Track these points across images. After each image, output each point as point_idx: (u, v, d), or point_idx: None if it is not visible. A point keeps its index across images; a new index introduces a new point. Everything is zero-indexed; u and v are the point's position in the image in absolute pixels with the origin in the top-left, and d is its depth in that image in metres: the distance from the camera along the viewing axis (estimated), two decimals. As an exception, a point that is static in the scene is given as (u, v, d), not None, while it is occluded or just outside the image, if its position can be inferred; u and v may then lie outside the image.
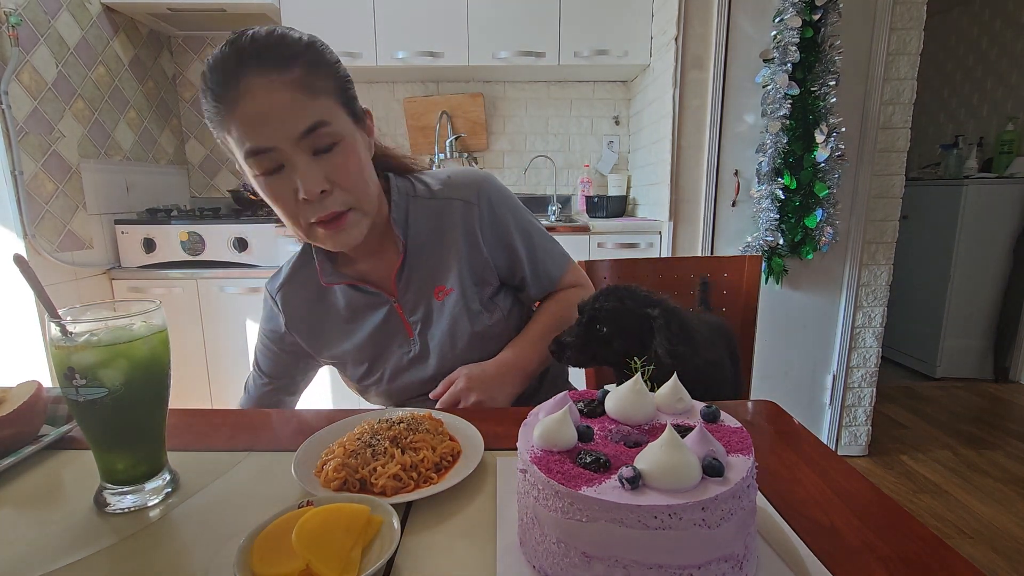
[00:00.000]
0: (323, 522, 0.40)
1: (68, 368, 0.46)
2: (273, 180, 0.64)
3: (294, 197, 0.65)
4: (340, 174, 0.65)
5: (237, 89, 0.61)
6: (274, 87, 0.61)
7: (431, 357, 0.80)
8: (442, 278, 0.79)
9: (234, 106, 0.61)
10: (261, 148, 0.62)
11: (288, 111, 0.61)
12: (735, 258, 1.19)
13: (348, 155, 0.66)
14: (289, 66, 0.62)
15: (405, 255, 0.78)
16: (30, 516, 0.49)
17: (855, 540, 0.44)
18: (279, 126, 0.61)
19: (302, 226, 0.68)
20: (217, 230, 2.01)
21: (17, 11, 1.68)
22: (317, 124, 0.63)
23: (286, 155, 0.63)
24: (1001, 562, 1.53)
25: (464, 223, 0.80)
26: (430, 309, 0.80)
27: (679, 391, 0.48)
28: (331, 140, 0.64)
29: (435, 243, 0.80)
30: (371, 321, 0.80)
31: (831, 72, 1.75)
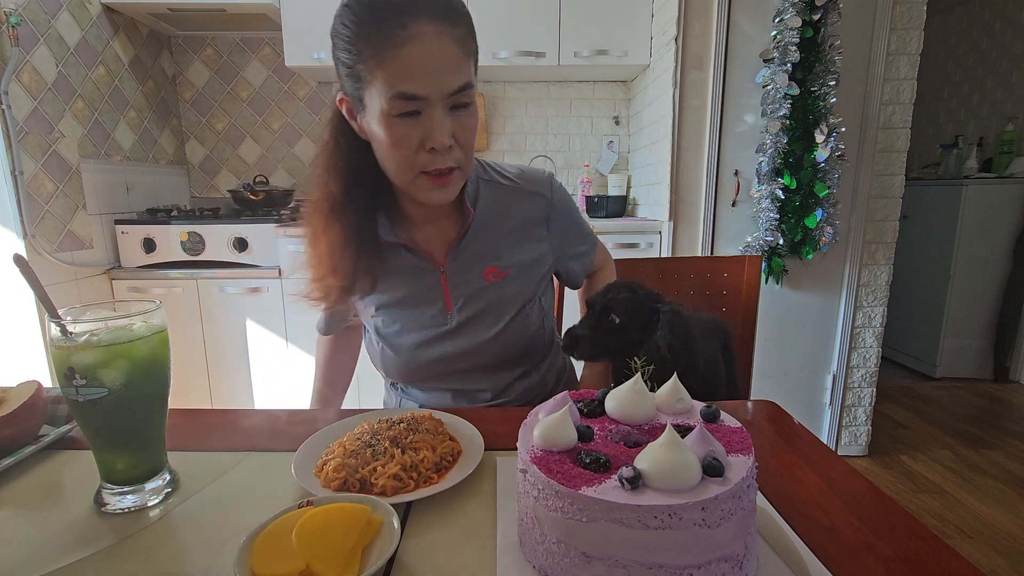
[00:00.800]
0: (323, 522, 0.40)
1: (68, 368, 0.46)
2: (404, 123, 0.65)
3: (417, 144, 0.67)
4: (465, 133, 0.69)
5: (406, 29, 0.61)
6: (443, 39, 0.63)
7: (464, 334, 0.81)
8: (496, 259, 0.81)
9: (400, 46, 0.61)
10: (415, 95, 0.63)
11: (450, 66, 0.64)
12: (735, 258, 1.19)
13: (473, 118, 0.69)
14: (457, 21, 0.64)
15: (468, 228, 0.80)
16: (30, 516, 0.49)
17: (855, 540, 0.44)
18: (439, 78, 0.63)
19: (410, 174, 0.69)
20: (217, 230, 2.01)
21: (17, 11, 1.68)
22: (466, 85, 0.66)
23: (430, 105, 0.65)
24: (1001, 562, 1.53)
25: (533, 213, 0.84)
26: (476, 287, 0.81)
27: (679, 391, 0.48)
28: (467, 101, 0.67)
29: (498, 225, 0.82)
30: (414, 285, 0.81)
31: (831, 72, 1.75)
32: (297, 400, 2.12)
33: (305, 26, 2.15)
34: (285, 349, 2.08)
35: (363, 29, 0.63)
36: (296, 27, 2.15)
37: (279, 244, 2.01)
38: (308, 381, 2.19)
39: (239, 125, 2.61)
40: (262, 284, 2.04)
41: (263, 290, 2.04)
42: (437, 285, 0.81)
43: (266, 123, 2.61)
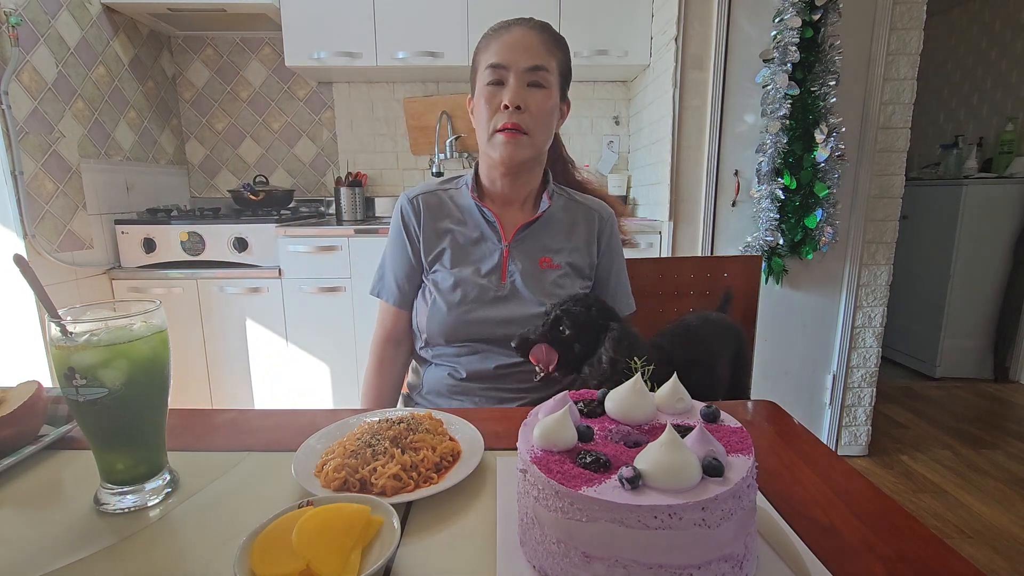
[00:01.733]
0: (323, 522, 0.40)
1: (68, 368, 0.46)
2: (492, 89, 0.87)
3: (498, 105, 0.87)
4: (535, 102, 0.87)
5: (509, 29, 0.88)
6: (530, 34, 0.87)
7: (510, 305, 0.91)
8: (552, 254, 0.95)
9: (500, 35, 0.88)
10: (499, 63, 0.86)
11: (530, 48, 0.86)
12: (735, 258, 1.19)
13: (545, 99, 0.88)
14: (546, 31, 0.89)
15: (539, 217, 0.95)
16: (30, 516, 0.49)
17: (855, 540, 0.44)
18: (518, 55, 0.86)
19: (489, 129, 0.88)
20: (217, 230, 2.01)
21: (17, 11, 1.68)
22: (540, 66, 0.86)
23: (510, 76, 0.86)
24: (1001, 562, 1.53)
25: (590, 227, 0.98)
26: (530, 269, 0.93)
27: (679, 391, 0.48)
28: (541, 82, 0.87)
29: (561, 229, 0.97)
30: (478, 248, 0.94)
31: (831, 72, 1.75)
32: (297, 400, 2.12)
33: (305, 26, 2.15)
34: (285, 349, 2.08)
35: (488, 32, 0.91)
36: (296, 27, 2.15)
37: (279, 244, 2.01)
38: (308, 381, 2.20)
39: (239, 125, 2.61)
40: (262, 284, 2.04)
41: (263, 290, 2.04)
42: (499, 255, 0.94)
43: (266, 123, 2.61)
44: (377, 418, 0.61)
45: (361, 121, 2.61)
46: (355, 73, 2.40)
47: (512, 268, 0.93)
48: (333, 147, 2.64)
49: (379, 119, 2.61)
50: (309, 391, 2.11)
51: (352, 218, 2.33)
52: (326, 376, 2.10)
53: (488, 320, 0.90)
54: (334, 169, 2.65)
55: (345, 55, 2.16)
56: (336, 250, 2.01)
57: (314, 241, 2.00)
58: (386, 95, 2.59)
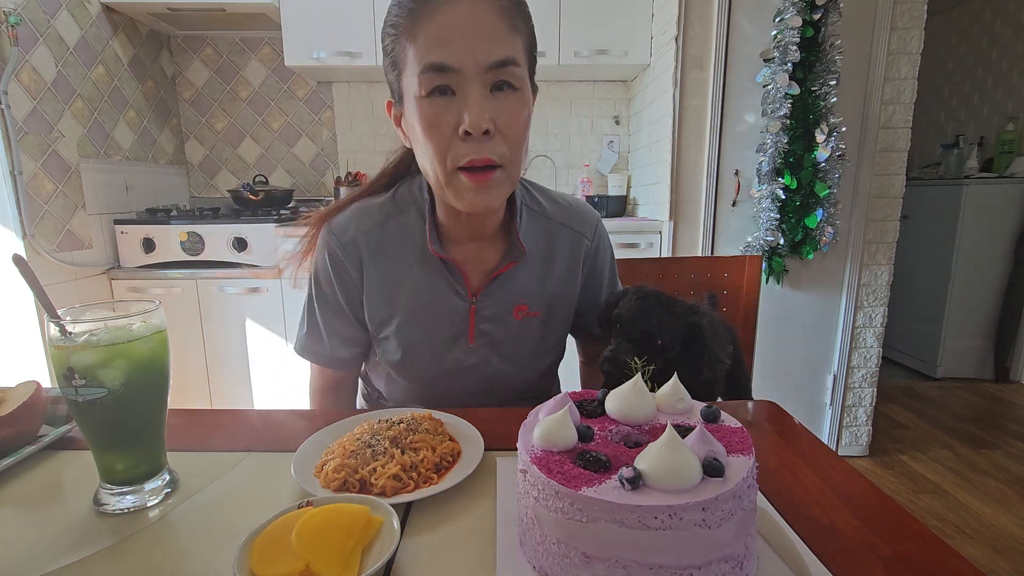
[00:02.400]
0: (323, 522, 0.40)
1: (68, 368, 0.46)
2: (438, 104, 0.58)
3: (452, 129, 0.59)
4: (508, 119, 0.60)
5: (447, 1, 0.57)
6: (482, 6, 0.57)
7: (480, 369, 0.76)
8: (528, 298, 0.76)
9: (434, 12, 0.57)
10: (445, 65, 0.57)
11: (488, 35, 0.57)
12: (735, 258, 1.19)
13: (521, 105, 0.61)
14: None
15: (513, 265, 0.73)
16: (30, 516, 0.49)
17: (855, 540, 0.44)
18: (474, 46, 0.57)
19: (447, 167, 0.61)
20: (217, 230, 2.01)
21: (17, 11, 1.68)
22: (509, 60, 0.58)
23: (464, 81, 0.58)
24: (1001, 562, 1.53)
25: (572, 254, 0.79)
26: (503, 324, 0.75)
27: (679, 391, 0.48)
28: (512, 82, 0.60)
29: (539, 263, 0.76)
30: (438, 306, 0.74)
31: (831, 72, 1.75)
32: (297, 400, 2.12)
33: (305, 26, 2.15)
34: (285, 349, 2.08)
35: (403, 6, 0.59)
36: (296, 27, 2.15)
37: (279, 244, 2.01)
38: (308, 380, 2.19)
39: (239, 125, 2.61)
40: (262, 284, 2.04)
41: (263, 290, 2.04)
42: (464, 316, 0.74)
43: (266, 123, 2.61)
44: (377, 418, 0.61)
45: (361, 121, 2.61)
46: (355, 73, 2.39)
47: (481, 329, 0.74)
48: (333, 147, 2.64)
49: (379, 119, 2.60)
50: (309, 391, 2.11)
51: (352, 218, 2.33)
52: (326, 376, 2.10)
53: (459, 391, 0.77)
54: (334, 169, 2.65)
55: (345, 55, 2.16)
56: (336, 250, 2.00)
57: (314, 241, 2.00)
58: (386, 95, 2.57)
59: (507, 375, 0.77)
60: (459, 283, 0.73)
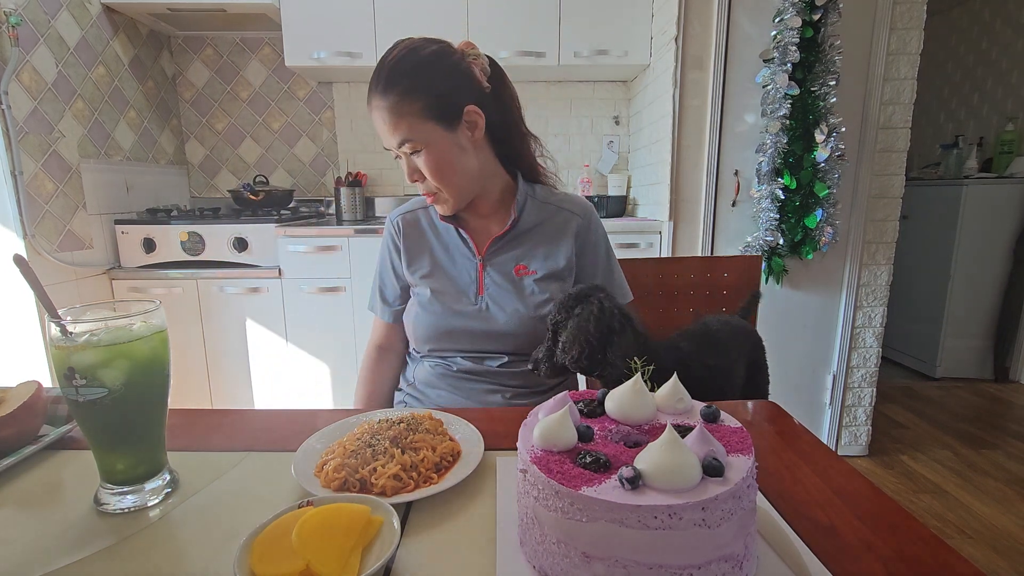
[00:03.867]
0: (323, 522, 0.40)
1: (68, 368, 0.46)
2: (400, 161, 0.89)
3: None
4: (425, 169, 0.87)
5: (370, 103, 0.85)
6: (381, 110, 0.84)
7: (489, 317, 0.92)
8: (527, 260, 0.95)
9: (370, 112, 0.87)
10: (385, 146, 0.88)
11: (387, 130, 0.85)
12: (735, 258, 1.19)
13: (430, 157, 0.86)
14: (387, 94, 0.83)
15: (510, 228, 0.94)
16: (30, 516, 0.49)
17: (855, 540, 0.44)
18: (384, 137, 0.87)
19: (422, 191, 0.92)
20: (217, 230, 2.01)
21: (17, 11, 1.68)
22: (402, 141, 0.84)
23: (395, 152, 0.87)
24: (1001, 562, 1.53)
25: (564, 227, 0.97)
26: (506, 279, 0.94)
27: (679, 391, 0.48)
28: (415, 148, 0.85)
29: (534, 234, 0.96)
30: (455, 264, 0.96)
31: (831, 72, 1.75)
32: (297, 400, 2.12)
33: (305, 26, 2.15)
34: (285, 349, 2.08)
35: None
36: (296, 27, 2.15)
37: (279, 244, 2.01)
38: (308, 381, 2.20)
39: (239, 125, 2.61)
40: (262, 284, 2.04)
41: (263, 290, 2.04)
42: (474, 270, 0.95)
43: (266, 123, 2.61)
44: (377, 418, 0.61)
45: (361, 121, 2.61)
46: (355, 73, 2.39)
47: (488, 281, 0.94)
48: (333, 147, 2.64)
49: (379, 119, 2.60)
50: (309, 391, 2.11)
51: (352, 218, 2.33)
52: (326, 376, 2.10)
53: (468, 330, 0.92)
54: (334, 169, 2.65)
55: (345, 55, 2.16)
56: (336, 250, 2.01)
57: (314, 241, 2.00)
58: (386, 95, 2.58)
59: (509, 323, 0.92)
60: (468, 245, 0.95)
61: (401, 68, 0.83)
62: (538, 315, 0.91)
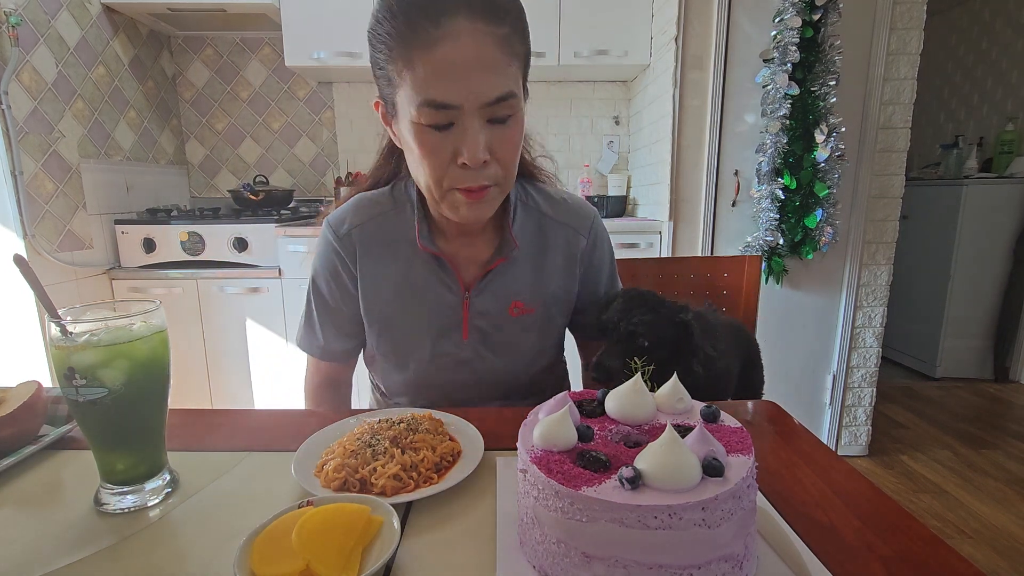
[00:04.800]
0: (323, 522, 0.40)
1: (68, 368, 0.46)
2: (435, 135, 0.59)
3: (450, 158, 0.60)
4: (504, 148, 0.61)
5: (439, 27, 0.54)
6: (482, 39, 0.55)
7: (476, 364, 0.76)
8: (524, 295, 0.76)
9: (432, 45, 0.55)
10: (445, 103, 0.56)
11: (487, 71, 0.56)
12: (735, 258, 1.19)
13: (516, 130, 0.62)
14: (501, 20, 0.57)
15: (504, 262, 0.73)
16: (30, 516, 0.49)
17: (855, 540, 0.44)
18: (473, 86, 0.56)
19: (442, 188, 0.63)
20: (217, 230, 2.01)
21: (17, 11, 1.68)
22: (508, 95, 0.58)
23: (463, 116, 0.58)
24: (1001, 562, 1.53)
25: (567, 251, 0.78)
26: (498, 321, 0.75)
27: (679, 391, 0.48)
28: (509, 112, 0.60)
29: (533, 259, 0.76)
30: (434, 302, 0.75)
31: (831, 72, 1.75)
32: (297, 400, 2.12)
33: (305, 26, 2.15)
34: (285, 349, 2.08)
35: (395, 25, 0.57)
36: (296, 27, 2.15)
37: (279, 244, 2.01)
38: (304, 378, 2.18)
39: (239, 125, 2.61)
40: (262, 284, 2.04)
41: (263, 290, 2.04)
42: (457, 310, 0.75)
43: (266, 123, 2.61)
44: (377, 418, 0.61)
45: (361, 121, 2.61)
46: (355, 73, 2.40)
47: (475, 323, 0.75)
48: (333, 147, 2.64)
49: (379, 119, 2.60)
50: (309, 391, 2.11)
51: (352, 218, 2.33)
52: (326, 376, 2.10)
53: (454, 385, 0.77)
54: (334, 169, 2.65)
55: (345, 55, 2.16)
56: (336, 250, 2.00)
57: (314, 241, 2.00)
58: (386, 95, 2.58)
59: (503, 371, 0.77)
60: (451, 278, 0.74)
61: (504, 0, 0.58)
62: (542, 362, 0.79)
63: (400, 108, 0.61)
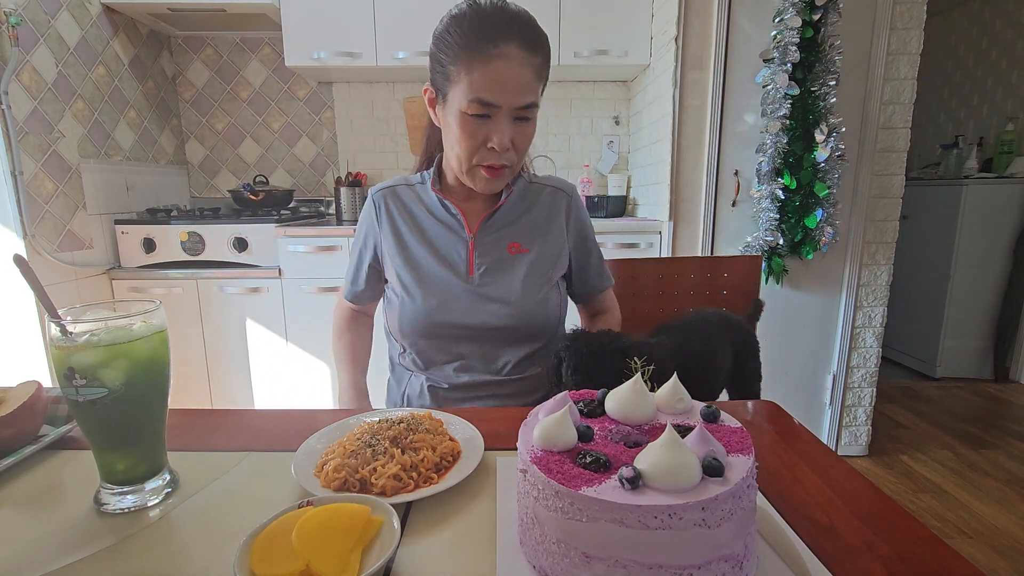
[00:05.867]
0: (323, 522, 0.40)
1: (68, 368, 0.46)
2: (475, 122, 0.79)
3: (481, 140, 0.81)
4: (521, 140, 0.83)
5: (497, 47, 0.75)
6: (524, 64, 0.77)
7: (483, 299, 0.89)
8: (519, 238, 0.93)
9: (489, 60, 0.76)
10: (491, 103, 0.77)
11: (524, 87, 0.78)
12: (735, 258, 1.19)
13: (532, 129, 0.84)
14: (538, 52, 0.79)
15: (501, 206, 0.92)
16: (30, 516, 0.49)
17: (855, 540, 0.44)
18: (513, 95, 0.77)
19: (470, 164, 0.83)
20: (217, 230, 2.01)
21: (17, 11, 1.68)
22: (531, 104, 0.80)
23: (499, 112, 0.78)
24: (1001, 562, 1.53)
25: (553, 207, 0.97)
26: (499, 257, 0.91)
27: (679, 391, 0.48)
28: (529, 116, 0.82)
29: (524, 212, 0.95)
30: (443, 242, 0.92)
31: (831, 72, 1.75)
32: (297, 400, 2.12)
33: (305, 26, 2.15)
34: (285, 349, 2.08)
35: (465, 39, 0.77)
36: (296, 27, 2.15)
37: (279, 244, 2.01)
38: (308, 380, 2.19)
39: (239, 125, 2.61)
40: (262, 284, 2.04)
41: (263, 290, 2.04)
42: (464, 248, 0.91)
43: (266, 123, 2.61)
44: (377, 418, 0.61)
45: (361, 121, 2.61)
46: (355, 73, 2.40)
47: (479, 261, 0.91)
48: (333, 147, 2.64)
49: (379, 119, 2.61)
50: (309, 391, 2.11)
51: (352, 218, 2.33)
52: (326, 376, 2.10)
53: (462, 318, 0.88)
54: (334, 169, 2.65)
55: (345, 55, 2.16)
56: (336, 250, 2.01)
57: (314, 241, 2.00)
58: (386, 95, 2.59)
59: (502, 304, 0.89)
60: (459, 223, 0.92)
61: (541, 33, 0.80)
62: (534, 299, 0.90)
63: (451, 98, 0.80)
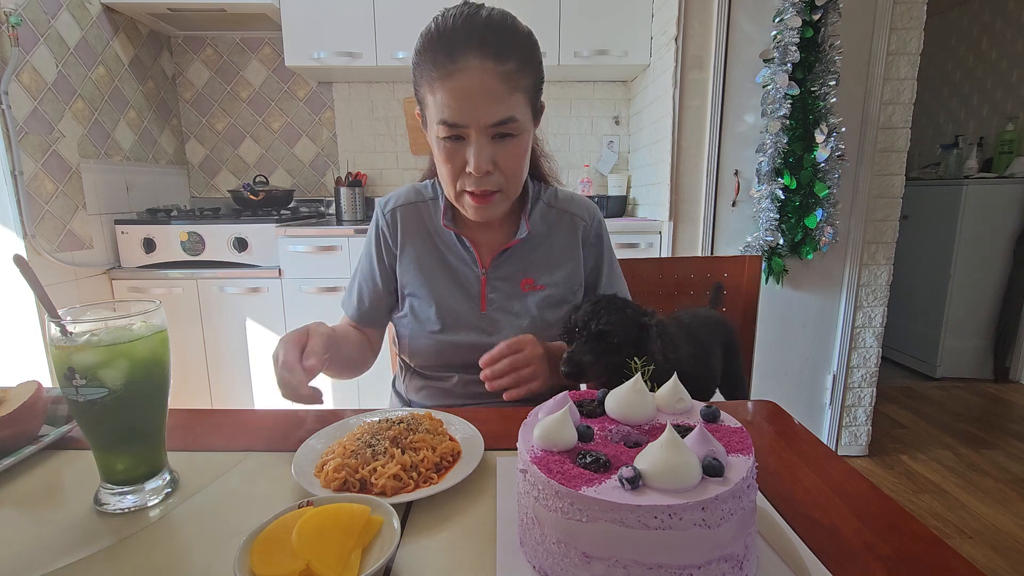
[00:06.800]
0: (323, 522, 0.40)
1: (68, 368, 0.46)
2: (451, 145, 0.73)
3: (462, 165, 0.74)
4: (507, 161, 0.74)
5: (455, 62, 0.68)
6: (488, 74, 0.68)
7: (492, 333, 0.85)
8: (535, 273, 0.87)
9: (447, 77, 0.69)
10: (455, 123, 0.70)
11: (491, 100, 0.69)
12: (735, 258, 1.19)
13: (519, 147, 0.75)
14: (506, 57, 0.69)
15: (517, 242, 0.86)
16: (30, 516, 0.49)
17: (855, 540, 0.44)
18: (478, 112, 0.69)
19: (455, 190, 0.77)
20: (217, 230, 2.01)
21: (17, 11, 1.68)
22: (508, 119, 0.71)
23: (471, 133, 0.71)
24: (1001, 562, 1.53)
25: (572, 235, 0.90)
26: (511, 294, 0.87)
27: (679, 391, 0.48)
28: (511, 132, 0.72)
29: (541, 244, 0.88)
30: (456, 276, 0.87)
31: (831, 72, 1.75)
32: (297, 400, 2.11)
33: (305, 26, 2.15)
34: (285, 349, 2.07)
35: (424, 56, 0.71)
36: (296, 27, 2.15)
37: (279, 244, 2.01)
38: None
39: (239, 125, 2.61)
40: (262, 284, 2.04)
41: (263, 290, 2.04)
42: (476, 284, 0.87)
43: (266, 123, 2.61)
44: (377, 418, 0.61)
45: (361, 121, 2.61)
46: (355, 73, 2.40)
47: (491, 296, 0.86)
48: (333, 147, 2.64)
49: (379, 119, 2.61)
50: (309, 391, 2.11)
51: (352, 218, 2.33)
52: (326, 376, 2.10)
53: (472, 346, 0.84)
54: (334, 169, 2.65)
55: (345, 55, 2.16)
56: (336, 250, 2.01)
57: (314, 241, 2.00)
58: (386, 95, 2.59)
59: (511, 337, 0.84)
60: (471, 256, 0.87)
61: (512, 35, 0.70)
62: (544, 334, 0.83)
63: (428, 122, 0.76)
